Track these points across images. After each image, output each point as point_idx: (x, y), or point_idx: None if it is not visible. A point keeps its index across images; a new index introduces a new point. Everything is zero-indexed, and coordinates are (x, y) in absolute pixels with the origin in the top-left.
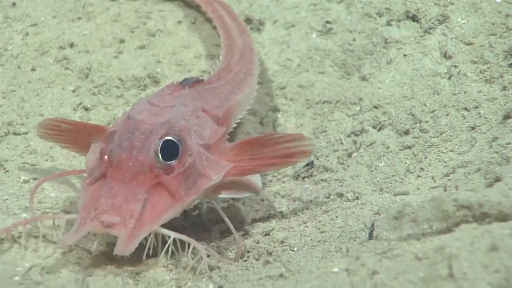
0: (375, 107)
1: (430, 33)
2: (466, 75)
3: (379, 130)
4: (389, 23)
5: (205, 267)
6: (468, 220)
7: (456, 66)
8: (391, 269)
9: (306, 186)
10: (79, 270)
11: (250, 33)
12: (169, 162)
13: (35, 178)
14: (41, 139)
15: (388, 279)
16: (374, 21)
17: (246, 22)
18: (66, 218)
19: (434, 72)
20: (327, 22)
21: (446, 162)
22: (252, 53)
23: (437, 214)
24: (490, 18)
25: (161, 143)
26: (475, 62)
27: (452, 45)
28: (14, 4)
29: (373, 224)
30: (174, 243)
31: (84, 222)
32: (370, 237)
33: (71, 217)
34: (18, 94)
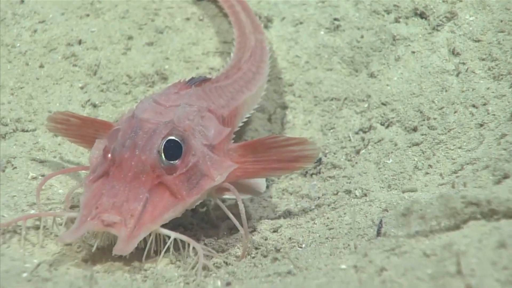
0: (383, 104)
1: (438, 30)
2: (474, 72)
3: (387, 127)
4: (397, 20)
5: (200, 267)
6: (476, 217)
7: (464, 63)
8: (399, 266)
9: (314, 183)
10: (87, 267)
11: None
12: (172, 162)
13: (43, 175)
14: (49, 136)
15: (396, 276)
16: (382, 18)
17: None
18: (68, 215)
19: (442, 69)
20: (335, 19)
21: (454, 159)
22: (263, 51)
23: (445, 211)
24: (498, 15)
25: (164, 143)
26: (483, 59)
27: (460, 42)
28: (23, 1)
29: (381, 221)
30: (175, 243)
31: (84, 221)
32: (378, 234)
33: (72, 214)
34: (26, 91)
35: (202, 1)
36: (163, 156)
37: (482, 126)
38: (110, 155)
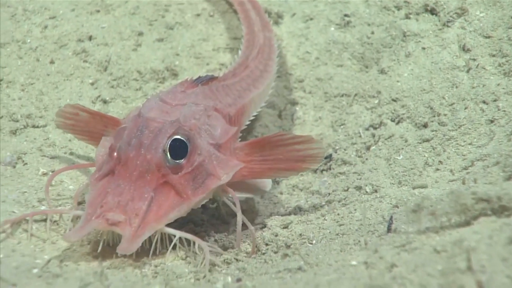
0: (394, 100)
1: (448, 26)
2: (484, 68)
3: (398, 123)
4: (407, 16)
5: (207, 264)
6: (486, 213)
7: (474, 59)
8: (410, 262)
9: (325, 179)
10: (98, 263)
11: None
12: (177, 161)
13: (54, 171)
14: (60, 132)
15: (406, 272)
16: (392, 14)
17: None
18: (73, 213)
19: (453, 65)
20: (346, 15)
21: (464, 155)
22: (271, 49)
23: (455, 207)
24: (509, 11)
25: (169, 142)
26: (494, 55)
27: (470, 38)
28: None
29: (391, 217)
30: (181, 241)
31: (89, 219)
32: (389, 230)
33: (78, 212)
34: (36, 87)
35: None
36: (169, 155)
37: (492, 122)
38: (116, 154)
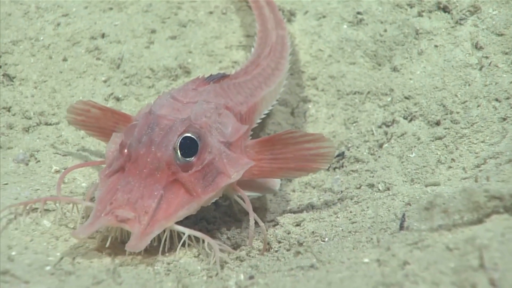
0: (406, 98)
1: (461, 24)
2: (497, 66)
3: (410, 121)
4: (420, 14)
5: (217, 262)
6: (499, 211)
7: (487, 57)
8: (422, 259)
9: (337, 177)
10: (111, 260)
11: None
12: (187, 159)
13: (66, 168)
14: (72, 129)
15: (419, 270)
16: (405, 12)
17: None
18: (85, 204)
19: (465, 63)
20: (358, 13)
21: (477, 153)
22: (283, 47)
23: (468, 205)
24: None
25: (180, 140)
26: (507, 53)
27: (483, 36)
28: None
29: (404, 214)
30: (191, 239)
31: (99, 216)
32: (401, 227)
33: (89, 204)
34: (49, 84)
35: None
36: (179, 153)
37: (505, 120)
38: (126, 151)
